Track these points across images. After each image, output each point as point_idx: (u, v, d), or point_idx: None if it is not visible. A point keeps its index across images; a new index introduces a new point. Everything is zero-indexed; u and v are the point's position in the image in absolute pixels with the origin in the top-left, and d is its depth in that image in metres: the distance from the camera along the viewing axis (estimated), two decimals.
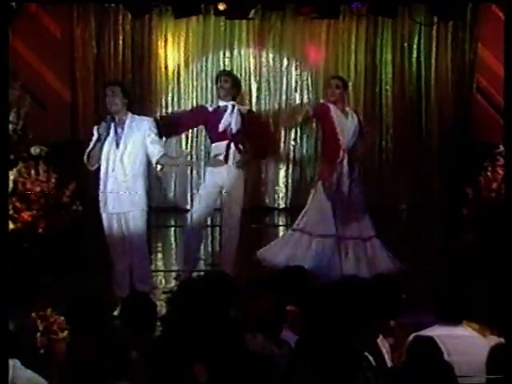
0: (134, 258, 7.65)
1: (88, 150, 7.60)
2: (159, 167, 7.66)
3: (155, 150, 7.52)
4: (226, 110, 8.26)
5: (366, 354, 4.60)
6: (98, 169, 7.68)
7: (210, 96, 12.29)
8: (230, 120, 8.24)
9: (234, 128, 8.25)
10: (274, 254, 8.47)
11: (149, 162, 7.68)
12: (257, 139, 8.41)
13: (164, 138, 7.96)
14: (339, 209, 8.36)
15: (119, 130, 7.50)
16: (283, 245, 8.55)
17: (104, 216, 7.65)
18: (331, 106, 8.37)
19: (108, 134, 7.47)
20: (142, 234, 7.67)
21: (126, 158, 7.49)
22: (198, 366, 4.27)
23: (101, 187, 7.61)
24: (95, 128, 7.60)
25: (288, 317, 5.30)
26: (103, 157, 7.53)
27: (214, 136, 8.34)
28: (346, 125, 8.38)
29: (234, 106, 8.30)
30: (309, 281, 5.80)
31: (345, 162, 8.37)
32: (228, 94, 8.32)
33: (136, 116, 7.67)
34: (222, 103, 8.33)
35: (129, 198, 7.53)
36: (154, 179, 11.37)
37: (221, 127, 8.22)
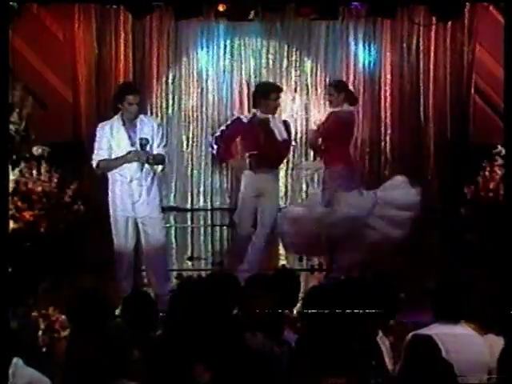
0: (154, 261, 7.69)
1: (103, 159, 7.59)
2: (160, 168, 7.70)
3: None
4: (267, 122, 8.29)
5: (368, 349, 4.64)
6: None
7: (210, 97, 12.33)
8: (281, 131, 8.34)
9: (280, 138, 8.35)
10: None
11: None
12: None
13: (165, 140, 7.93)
14: None
15: (131, 133, 7.50)
16: None
17: (119, 219, 7.64)
18: None
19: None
20: (161, 238, 7.72)
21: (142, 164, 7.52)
22: (198, 366, 4.29)
23: (117, 190, 7.59)
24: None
25: (288, 317, 5.35)
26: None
27: (252, 146, 8.36)
28: None
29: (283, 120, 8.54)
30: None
31: None
32: None
33: (143, 117, 7.70)
34: (262, 115, 8.30)
35: (151, 202, 7.58)
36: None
37: (279, 137, 8.29)
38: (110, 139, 7.48)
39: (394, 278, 6.02)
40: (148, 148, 7.49)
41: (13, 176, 8.51)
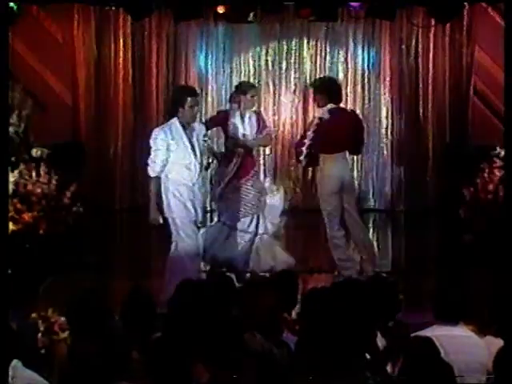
0: (186, 266, 7.62)
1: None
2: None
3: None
4: None
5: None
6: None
7: (210, 99, 12.33)
8: None
9: None
10: None
11: None
12: None
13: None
14: None
15: (190, 136, 7.49)
16: None
17: (190, 223, 7.52)
18: None
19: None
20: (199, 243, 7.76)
21: (204, 167, 7.58)
22: (197, 366, 4.29)
23: (185, 194, 7.49)
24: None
25: (287, 319, 5.36)
26: (186, 167, 7.48)
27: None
28: None
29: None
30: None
31: None
32: None
33: (197, 123, 7.72)
34: None
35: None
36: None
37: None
38: (169, 141, 7.39)
39: (393, 278, 6.03)
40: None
41: (12, 178, 8.52)
